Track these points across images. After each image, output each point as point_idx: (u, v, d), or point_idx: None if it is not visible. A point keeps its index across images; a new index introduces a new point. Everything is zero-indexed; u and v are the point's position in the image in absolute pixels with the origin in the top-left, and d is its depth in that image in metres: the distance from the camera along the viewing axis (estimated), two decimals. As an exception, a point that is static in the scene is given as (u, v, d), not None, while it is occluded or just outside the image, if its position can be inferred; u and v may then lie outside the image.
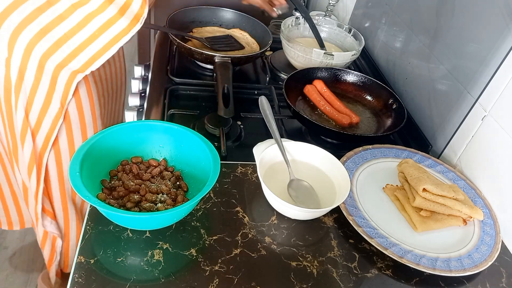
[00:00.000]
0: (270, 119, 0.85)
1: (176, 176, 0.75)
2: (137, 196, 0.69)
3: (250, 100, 1.07)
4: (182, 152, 0.77)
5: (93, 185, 0.69)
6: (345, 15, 1.58)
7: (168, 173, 0.75)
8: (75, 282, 0.60)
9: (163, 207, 0.69)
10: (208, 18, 1.28)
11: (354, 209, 0.76)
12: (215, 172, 0.68)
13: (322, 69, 1.10)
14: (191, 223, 0.71)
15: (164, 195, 0.71)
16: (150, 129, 0.76)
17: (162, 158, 0.78)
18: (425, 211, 0.77)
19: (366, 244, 0.73)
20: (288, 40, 1.15)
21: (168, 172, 0.75)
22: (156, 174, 0.74)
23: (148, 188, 0.71)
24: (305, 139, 0.97)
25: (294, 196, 0.76)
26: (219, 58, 1.04)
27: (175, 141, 0.77)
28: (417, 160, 0.89)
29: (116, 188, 0.70)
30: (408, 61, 1.14)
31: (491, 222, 0.79)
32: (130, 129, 0.75)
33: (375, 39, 1.34)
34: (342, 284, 0.66)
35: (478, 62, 0.87)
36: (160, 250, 0.66)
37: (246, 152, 0.83)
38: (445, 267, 0.69)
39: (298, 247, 0.70)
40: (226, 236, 0.70)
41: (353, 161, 0.86)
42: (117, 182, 0.72)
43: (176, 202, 0.70)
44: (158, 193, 0.71)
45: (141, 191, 0.70)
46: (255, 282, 0.64)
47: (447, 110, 0.96)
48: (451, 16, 0.97)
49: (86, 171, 0.66)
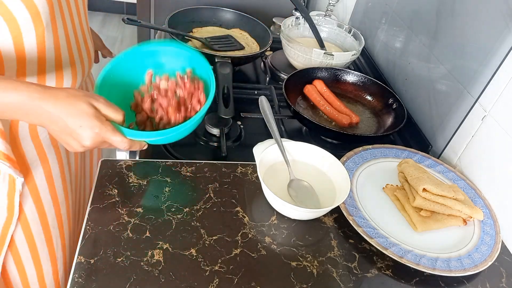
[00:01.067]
0: (270, 119, 0.85)
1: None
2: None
3: (250, 100, 1.07)
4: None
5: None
6: (345, 15, 1.58)
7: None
8: (75, 282, 0.60)
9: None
10: (208, 18, 1.28)
11: (354, 209, 0.76)
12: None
13: (322, 69, 1.10)
14: (191, 223, 0.71)
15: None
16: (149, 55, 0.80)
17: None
18: (425, 211, 0.77)
19: (366, 244, 0.73)
20: (288, 40, 1.15)
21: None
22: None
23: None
24: (305, 139, 0.97)
25: (294, 196, 0.76)
26: (219, 58, 1.04)
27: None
28: (417, 160, 0.89)
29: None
30: (408, 61, 1.14)
31: (491, 222, 0.79)
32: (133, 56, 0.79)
33: (375, 39, 1.34)
34: (342, 284, 0.66)
35: (478, 62, 0.87)
36: (160, 250, 0.66)
37: (246, 152, 0.83)
38: (445, 267, 0.69)
39: (298, 247, 0.70)
40: (226, 236, 0.70)
41: (353, 161, 0.86)
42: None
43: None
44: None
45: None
46: (255, 282, 0.64)
47: (447, 110, 0.96)
48: (451, 16, 0.97)
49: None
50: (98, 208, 0.71)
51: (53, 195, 0.85)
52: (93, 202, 0.72)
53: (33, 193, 0.81)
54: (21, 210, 0.80)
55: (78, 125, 0.61)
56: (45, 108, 0.60)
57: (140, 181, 0.77)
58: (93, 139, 0.62)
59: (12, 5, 0.62)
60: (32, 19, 0.65)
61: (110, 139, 0.64)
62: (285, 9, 1.50)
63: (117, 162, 0.79)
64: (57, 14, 0.70)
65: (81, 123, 0.61)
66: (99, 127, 0.62)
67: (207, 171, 0.81)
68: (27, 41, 0.66)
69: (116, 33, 3.35)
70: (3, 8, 0.61)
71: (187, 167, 0.81)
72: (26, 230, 0.83)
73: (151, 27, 1.30)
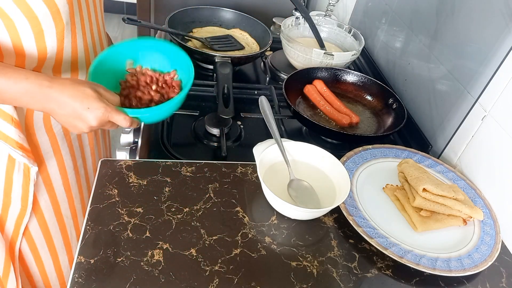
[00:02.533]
0: (270, 119, 0.85)
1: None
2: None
3: (250, 100, 1.07)
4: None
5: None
6: (345, 15, 1.58)
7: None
8: (75, 282, 0.60)
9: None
10: (208, 18, 1.28)
11: (354, 209, 0.76)
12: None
13: (322, 69, 1.10)
14: (191, 223, 0.71)
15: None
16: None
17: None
18: (425, 211, 0.77)
19: (366, 244, 0.73)
20: (288, 40, 1.15)
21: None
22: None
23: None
24: (305, 139, 0.97)
25: (294, 196, 0.76)
26: (219, 58, 1.04)
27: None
28: (417, 160, 0.89)
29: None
30: (408, 61, 1.14)
31: (491, 222, 0.79)
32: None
33: (375, 39, 1.34)
34: (342, 284, 0.66)
35: (478, 62, 0.87)
36: (160, 250, 0.66)
37: (246, 152, 0.83)
38: (445, 267, 0.69)
39: (298, 247, 0.70)
40: (226, 236, 0.70)
41: (353, 161, 0.86)
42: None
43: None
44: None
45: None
46: (255, 282, 0.64)
47: (447, 110, 0.96)
48: (451, 16, 0.97)
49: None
50: (98, 208, 0.71)
51: (66, 187, 0.90)
52: (93, 202, 0.72)
53: (46, 184, 0.86)
54: (36, 200, 0.85)
55: (86, 107, 0.67)
56: (54, 95, 0.66)
57: (140, 181, 0.77)
58: (99, 119, 0.68)
59: (33, 2, 0.65)
60: (52, 17, 0.68)
61: (114, 118, 0.69)
62: (285, 9, 1.50)
63: (117, 162, 0.79)
64: (76, 14, 0.74)
65: (88, 105, 0.67)
66: (105, 108, 0.68)
67: (207, 171, 0.81)
68: (48, 39, 0.70)
69: (116, 33, 3.36)
70: (25, 6, 0.65)
71: (187, 167, 0.81)
72: (40, 220, 0.88)
73: (151, 26, 1.30)
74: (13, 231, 0.85)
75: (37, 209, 0.86)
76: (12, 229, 0.85)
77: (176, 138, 0.91)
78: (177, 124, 0.95)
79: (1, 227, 0.84)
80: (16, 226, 0.84)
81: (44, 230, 0.89)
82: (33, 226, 0.87)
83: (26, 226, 0.85)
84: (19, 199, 0.82)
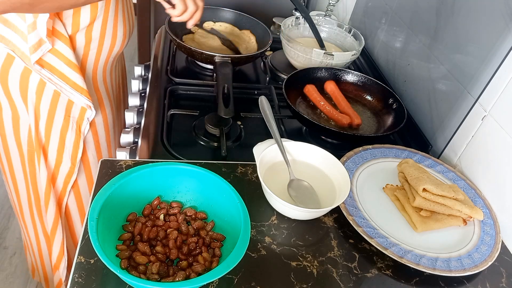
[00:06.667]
0: (270, 119, 0.85)
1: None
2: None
3: (250, 100, 1.07)
4: (208, 199, 0.69)
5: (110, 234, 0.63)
6: (345, 15, 1.58)
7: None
8: (75, 282, 0.60)
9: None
10: (208, 18, 1.28)
11: (354, 209, 0.76)
12: (246, 230, 0.60)
13: (322, 69, 1.10)
14: (191, 223, 0.71)
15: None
16: (175, 174, 0.69)
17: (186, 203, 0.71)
18: (425, 211, 0.77)
19: (366, 244, 0.73)
20: (288, 40, 1.15)
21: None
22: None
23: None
24: (305, 139, 0.97)
25: (294, 196, 0.76)
26: (219, 58, 1.04)
27: (199, 186, 0.69)
28: (417, 160, 0.89)
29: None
30: (408, 61, 1.14)
31: (491, 222, 0.79)
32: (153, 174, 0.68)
33: (375, 39, 1.34)
34: (342, 284, 0.66)
35: (478, 62, 0.87)
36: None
37: (246, 152, 0.83)
38: (445, 267, 0.69)
39: (298, 247, 0.70)
40: (226, 236, 0.70)
41: (353, 161, 0.86)
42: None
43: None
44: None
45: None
46: (255, 282, 0.64)
47: (447, 110, 0.96)
48: (451, 16, 0.97)
49: (104, 220, 0.61)
50: (98, 208, 0.70)
51: (108, 143, 1.01)
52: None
53: (95, 138, 0.96)
54: (85, 155, 0.96)
55: None
56: None
57: (140, 181, 0.76)
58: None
59: None
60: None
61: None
62: (285, 9, 1.50)
63: (117, 162, 0.79)
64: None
65: None
66: None
67: (207, 171, 0.81)
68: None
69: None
70: None
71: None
72: (87, 173, 0.97)
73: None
74: (61, 188, 0.95)
75: (86, 164, 0.96)
76: (61, 187, 0.95)
77: (176, 138, 0.91)
78: (177, 124, 0.95)
79: (53, 184, 0.94)
80: (64, 183, 0.95)
81: (90, 184, 0.98)
82: (81, 181, 0.97)
83: (75, 181, 0.95)
84: (69, 158, 0.91)
